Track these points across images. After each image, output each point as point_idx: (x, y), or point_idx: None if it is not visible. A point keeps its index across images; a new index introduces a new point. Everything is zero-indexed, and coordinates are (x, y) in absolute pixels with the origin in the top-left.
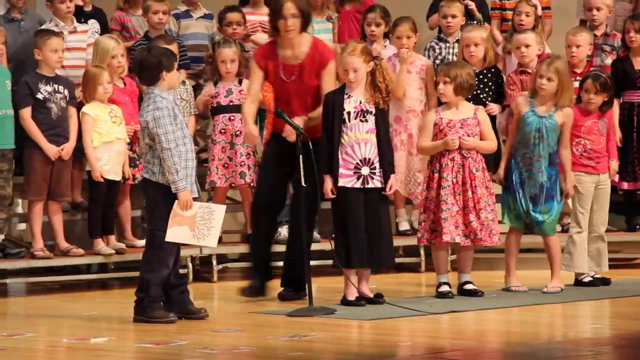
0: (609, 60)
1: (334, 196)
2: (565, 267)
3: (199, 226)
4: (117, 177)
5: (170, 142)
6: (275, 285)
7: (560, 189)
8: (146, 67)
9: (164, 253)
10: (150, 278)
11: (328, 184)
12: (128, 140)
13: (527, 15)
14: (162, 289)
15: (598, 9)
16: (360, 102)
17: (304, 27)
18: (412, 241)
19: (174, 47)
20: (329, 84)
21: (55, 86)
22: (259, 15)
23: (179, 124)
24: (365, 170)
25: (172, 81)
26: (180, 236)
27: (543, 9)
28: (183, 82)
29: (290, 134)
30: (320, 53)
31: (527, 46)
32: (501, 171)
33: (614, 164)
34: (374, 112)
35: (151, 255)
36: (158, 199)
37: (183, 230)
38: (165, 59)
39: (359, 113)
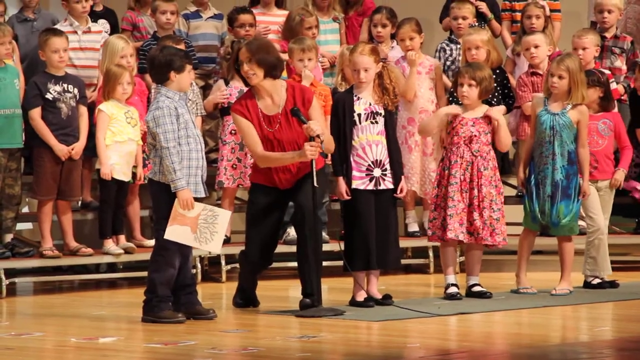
0: (618, 63)
1: (348, 197)
2: (591, 272)
3: (201, 229)
4: (126, 178)
5: (170, 141)
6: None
7: (578, 188)
8: (155, 65)
9: (168, 253)
10: (156, 277)
11: (342, 186)
12: (141, 143)
13: (538, 18)
14: (172, 289)
15: (609, 12)
16: (370, 104)
17: (269, 73)
18: (420, 242)
19: (181, 47)
20: (322, 120)
21: (65, 85)
22: (270, 16)
23: (182, 124)
24: (377, 172)
25: (181, 82)
26: (180, 236)
27: (552, 11)
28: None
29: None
30: (300, 93)
31: (536, 47)
32: (521, 174)
33: (619, 174)
34: (383, 113)
35: (157, 255)
36: (160, 199)
37: (184, 231)
38: (176, 59)
39: (369, 115)
